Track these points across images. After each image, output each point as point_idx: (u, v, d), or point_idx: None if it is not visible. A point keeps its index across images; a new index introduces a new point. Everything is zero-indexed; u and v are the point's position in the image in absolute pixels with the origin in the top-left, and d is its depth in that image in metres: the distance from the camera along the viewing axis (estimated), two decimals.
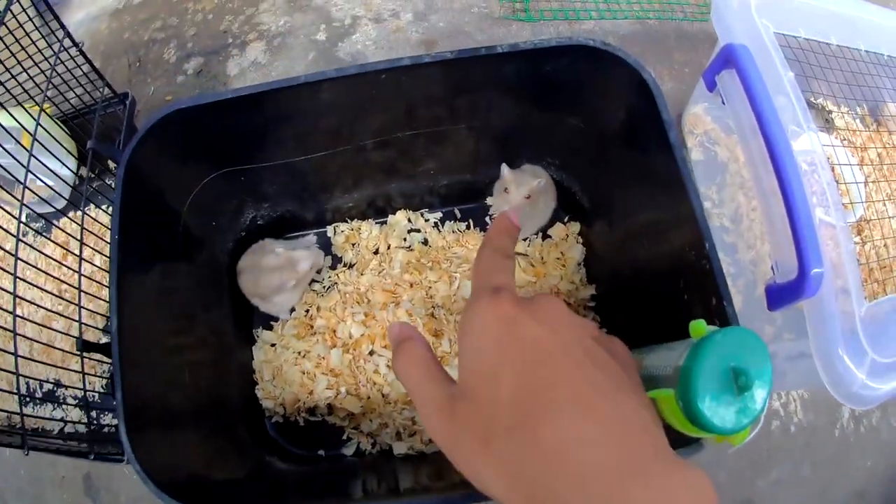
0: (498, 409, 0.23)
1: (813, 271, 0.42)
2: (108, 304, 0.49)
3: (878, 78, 0.63)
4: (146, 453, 0.36)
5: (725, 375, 0.27)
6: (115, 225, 0.40)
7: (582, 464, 0.22)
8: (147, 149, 0.42)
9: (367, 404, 0.54)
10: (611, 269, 0.56)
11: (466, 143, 0.54)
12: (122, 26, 0.88)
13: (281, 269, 0.55)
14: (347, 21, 0.81)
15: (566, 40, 0.42)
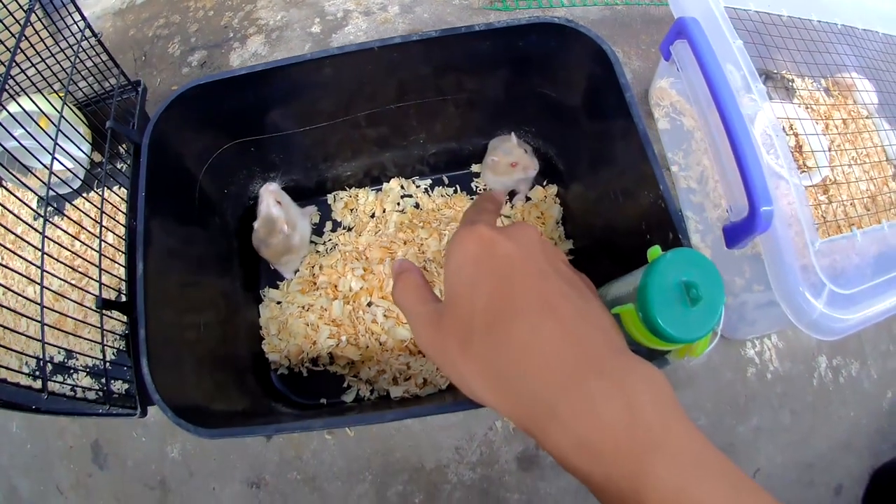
0: (475, 316, 0.28)
1: (762, 208, 0.49)
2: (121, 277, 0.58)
3: (838, 46, 0.70)
4: (163, 386, 0.42)
5: (678, 289, 0.32)
6: (143, 181, 0.48)
7: (545, 356, 0.26)
8: (170, 118, 0.51)
9: (366, 353, 0.61)
10: (586, 224, 0.64)
11: (451, 115, 0.63)
12: (126, 24, 0.98)
13: (270, 231, 0.61)
14: (340, 14, 0.91)
15: (535, 19, 0.51)
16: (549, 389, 0.26)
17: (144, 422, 0.68)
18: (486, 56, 0.54)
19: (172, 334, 0.49)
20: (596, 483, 0.25)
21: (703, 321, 0.32)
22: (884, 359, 0.74)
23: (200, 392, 0.50)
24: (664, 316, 0.31)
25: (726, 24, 0.59)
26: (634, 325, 0.33)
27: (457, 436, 0.64)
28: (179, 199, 0.55)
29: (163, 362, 0.44)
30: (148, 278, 0.45)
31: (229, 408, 0.53)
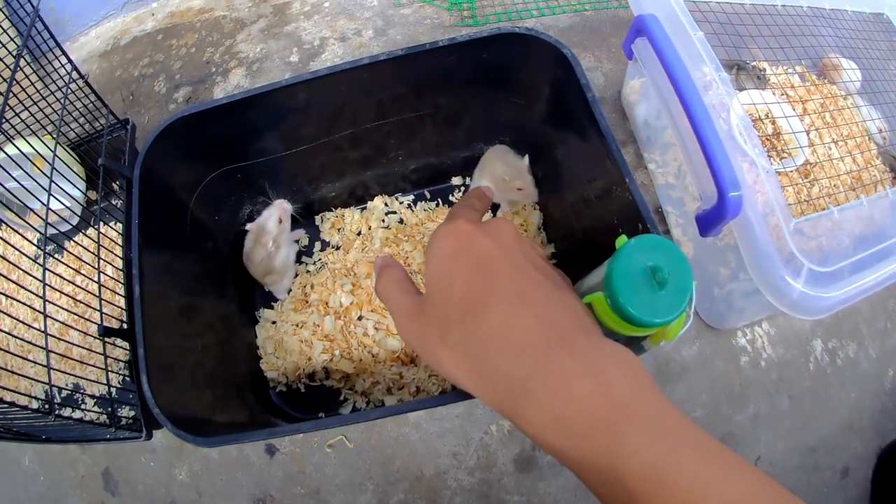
0: (451, 306, 0.31)
1: (730, 194, 0.53)
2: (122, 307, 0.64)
3: (808, 28, 0.75)
4: (163, 400, 0.47)
5: (644, 274, 0.35)
6: (135, 210, 0.54)
7: (517, 338, 0.29)
8: (158, 150, 0.57)
9: (360, 366, 0.67)
10: (566, 228, 0.70)
11: (429, 131, 0.69)
12: (111, 66, 1.06)
13: (257, 240, 0.68)
14: (316, 43, 0.99)
15: (495, 30, 0.57)
16: (522, 369, 0.28)
17: (152, 447, 0.73)
18: (454, 70, 0.60)
19: (171, 354, 0.54)
20: (574, 459, 0.27)
21: (672, 304, 0.34)
22: (882, 337, 0.78)
23: (201, 407, 0.54)
24: (631, 300, 0.34)
25: (686, 18, 0.64)
26: (605, 312, 0.36)
27: (454, 442, 0.69)
28: (172, 227, 0.61)
29: (162, 380, 0.49)
30: (145, 301, 0.50)
31: (231, 422, 0.58)
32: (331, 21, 1.00)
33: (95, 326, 0.66)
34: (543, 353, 0.29)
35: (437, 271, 0.33)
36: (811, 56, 0.78)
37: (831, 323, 0.77)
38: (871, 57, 0.79)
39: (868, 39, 0.80)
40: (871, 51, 0.79)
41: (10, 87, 0.63)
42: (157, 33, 1.08)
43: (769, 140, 0.71)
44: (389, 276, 0.38)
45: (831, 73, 0.80)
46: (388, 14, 1.01)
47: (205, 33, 1.04)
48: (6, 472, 0.77)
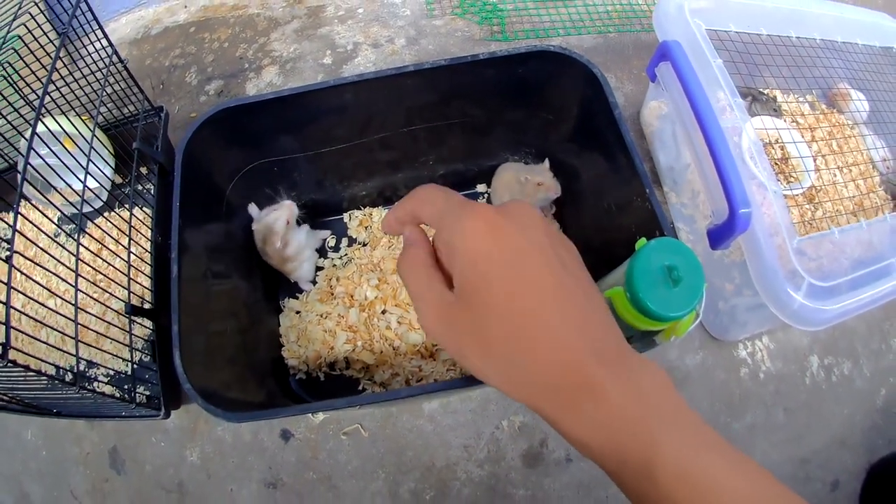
0: (492, 318, 0.31)
1: (741, 210, 0.58)
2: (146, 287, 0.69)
3: (821, 60, 0.80)
4: (193, 376, 0.51)
5: (661, 272, 0.41)
6: (177, 191, 0.57)
7: (563, 356, 0.30)
8: (201, 136, 0.61)
9: (380, 357, 0.72)
10: (584, 237, 0.75)
11: (458, 139, 0.75)
12: (142, 54, 1.11)
13: (266, 238, 0.72)
14: (350, 47, 1.05)
15: (532, 47, 0.62)
16: (566, 381, 0.30)
17: (165, 427, 0.77)
18: (489, 82, 0.66)
19: (198, 335, 0.57)
20: (611, 460, 0.29)
21: (685, 300, 0.40)
22: (876, 357, 0.83)
23: (222, 388, 0.58)
24: (649, 295, 0.40)
25: (707, 46, 0.70)
26: (624, 306, 0.42)
27: (465, 435, 0.74)
28: (207, 212, 0.66)
29: (191, 357, 0.52)
30: (181, 281, 0.54)
31: (249, 402, 0.62)
32: (364, 27, 1.06)
33: (114, 306, 0.71)
34: (586, 365, 0.30)
35: (471, 274, 0.32)
36: (822, 86, 0.83)
37: (828, 340, 0.82)
38: (879, 89, 0.84)
39: (877, 72, 0.85)
40: (879, 83, 0.84)
41: (54, 65, 0.65)
42: (189, 25, 1.13)
43: (778, 164, 0.76)
44: (415, 257, 0.36)
45: (840, 102, 0.85)
46: (421, 24, 1.07)
47: (238, 29, 1.09)
48: (4, 445, 0.79)
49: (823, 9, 0.84)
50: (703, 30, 0.71)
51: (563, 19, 1.09)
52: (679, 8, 0.73)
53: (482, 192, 0.83)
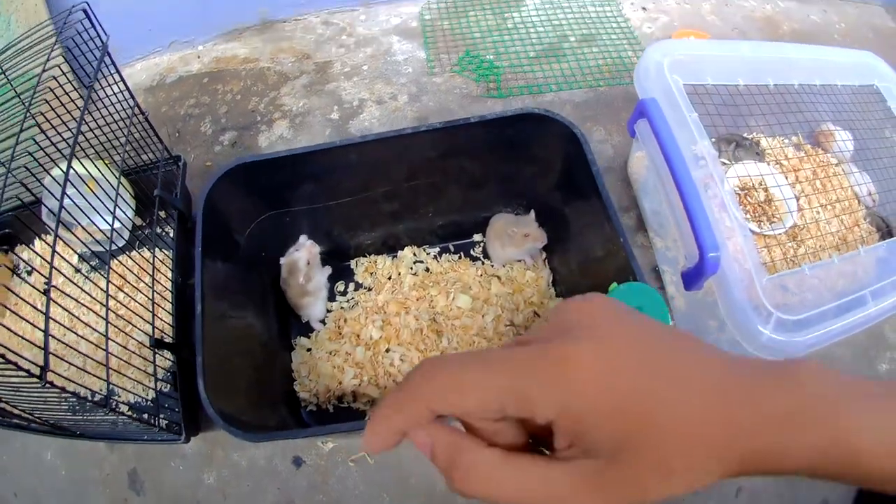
0: (689, 449, 0.24)
1: (709, 254, 0.64)
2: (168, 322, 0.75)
3: (808, 100, 0.86)
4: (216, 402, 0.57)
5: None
6: (199, 238, 0.65)
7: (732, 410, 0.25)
8: (220, 187, 0.69)
9: (385, 392, 0.79)
10: (573, 283, 0.83)
11: (455, 192, 0.83)
12: (157, 101, 1.20)
13: (291, 273, 0.81)
14: (355, 103, 1.15)
15: (519, 110, 0.71)
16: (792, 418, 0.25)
17: (183, 453, 0.82)
18: (481, 141, 0.74)
19: (219, 368, 0.63)
20: (812, 460, 0.25)
21: None
22: None
23: (242, 416, 0.64)
24: None
25: (683, 101, 0.76)
26: None
27: None
28: (226, 256, 0.74)
29: (213, 387, 0.59)
30: (205, 318, 0.61)
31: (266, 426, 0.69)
32: (369, 84, 1.16)
33: (132, 341, 0.75)
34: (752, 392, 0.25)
35: (607, 429, 0.24)
36: (805, 128, 0.88)
37: None
38: (863, 128, 0.89)
39: (861, 110, 0.90)
40: (864, 120, 0.89)
41: (83, 115, 0.70)
42: (202, 76, 1.23)
43: (761, 206, 0.82)
44: (486, 459, 0.26)
45: (824, 142, 0.91)
46: (422, 81, 1.17)
47: (250, 82, 1.19)
48: (25, 465, 0.83)
49: (802, 54, 0.90)
50: (680, 85, 0.77)
51: (555, 75, 1.18)
52: (658, 65, 0.78)
53: (478, 242, 0.92)
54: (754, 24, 1.37)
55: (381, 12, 1.36)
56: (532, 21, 1.32)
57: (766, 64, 0.87)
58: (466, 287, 0.86)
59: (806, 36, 1.37)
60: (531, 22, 1.31)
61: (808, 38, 1.36)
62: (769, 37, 1.35)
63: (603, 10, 1.35)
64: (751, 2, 1.44)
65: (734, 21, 1.38)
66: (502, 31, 1.29)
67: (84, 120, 0.71)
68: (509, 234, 0.83)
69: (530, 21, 1.32)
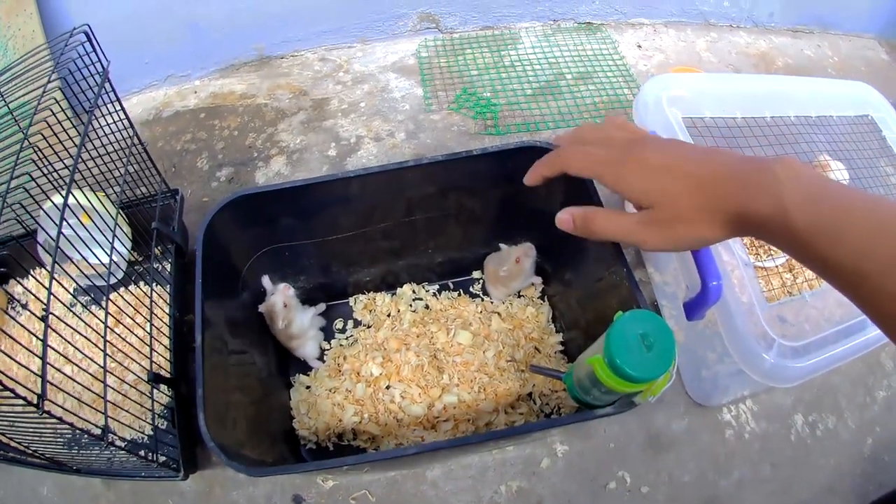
0: (685, 209, 0.47)
1: (711, 283, 0.64)
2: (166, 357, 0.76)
3: (805, 133, 0.89)
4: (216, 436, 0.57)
5: (636, 339, 0.48)
6: (199, 270, 0.65)
7: (736, 160, 0.46)
8: (219, 220, 0.70)
9: (385, 429, 0.81)
10: (573, 318, 0.85)
11: (454, 228, 0.86)
12: (154, 136, 1.24)
13: (271, 318, 0.82)
14: (353, 140, 1.19)
15: (520, 143, 0.74)
16: (750, 167, 0.44)
17: (181, 490, 0.83)
18: (481, 175, 0.77)
19: (218, 403, 0.63)
20: (763, 217, 0.42)
21: (659, 363, 0.48)
22: (861, 410, 0.91)
23: (242, 450, 0.64)
24: (626, 360, 0.48)
25: (683, 134, 0.79)
26: (604, 371, 0.50)
27: (466, 499, 0.82)
28: (226, 290, 0.75)
29: (212, 421, 0.58)
30: (205, 352, 0.62)
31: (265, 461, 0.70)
32: (366, 121, 1.21)
33: (129, 377, 0.78)
34: (755, 158, 0.45)
35: (652, 192, 0.49)
36: (801, 158, 0.88)
37: (812, 399, 0.91)
38: (859, 157, 0.91)
39: (857, 141, 0.93)
40: (859, 152, 0.92)
41: (81, 145, 0.71)
42: (199, 111, 1.27)
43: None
44: (601, 213, 0.54)
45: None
46: (419, 118, 1.21)
47: (247, 118, 1.23)
48: (20, 499, 0.84)
49: (798, 86, 0.94)
50: (679, 119, 0.80)
51: (552, 112, 1.24)
52: (657, 99, 0.82)
53: (478, 279, 0.96)
54: (749, 61, 1.44)
55: (377, 49, 1.42)
56: (529, 59, 1.38)
57: (762, 96, 0.91)
58: (467, 323, 0.89)
59: (800, 70, 1.43)
60: (528, 60, 1.38)
61: (803, 72, 1.43)
62: (764, 72, 1.41)
63: (599, 48, 1.42)
64: (745, 38, 1.50)
65: (729, 58, 1.44)
66: (499, 68, 1.35)
67: (84, 147, 0.73)
68: (503, 275, 0.87)
69: (527, 59, 1.38)
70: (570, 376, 0.63)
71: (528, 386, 0.84)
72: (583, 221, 0.55)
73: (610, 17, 1.49)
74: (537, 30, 1.47)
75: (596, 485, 0.82)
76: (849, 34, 1.57)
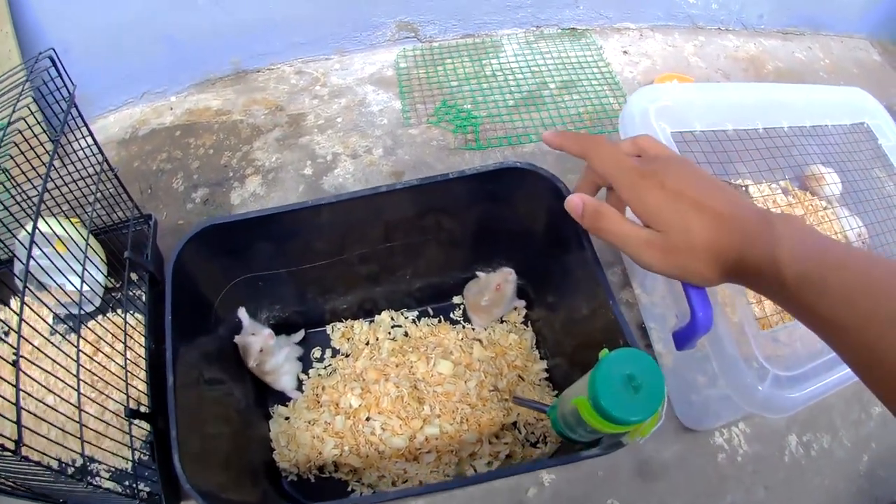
0: (694, 242, 0.47)
1: (700, 313, 0.62)
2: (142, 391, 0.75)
3: (795, 146, 0.88)
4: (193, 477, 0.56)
5: (622, 380, 0.46)
6: (169, 305, 0.65)
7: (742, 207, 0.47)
8: (189, 251, 0.69)
9: (367, 461, 0.80)
10: (557, 344, 0.85)
11: (433, 253, 0.85)
12: (130, 155, 1.22)
13: (245, 352, 0.81)
14: (329, 157, 1.18)
15: (500, 164, 0.72)
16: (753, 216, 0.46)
17: None
18: (461, 198, 0.76)
19: (196, 438, 0.63)
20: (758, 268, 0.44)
21: (647, 405, 0.46)
22: (856, 427, 0.90)
23: (223, 489, 0.64)
24: (611, 403, 0.46)
25: (671, 147, 0.75)
26: (588, 412, 0.49)
27: None
28: (198, 323, 0.74)
29: (190, 459, 0.58)
30: (178, 388, 0.61)
31: (248, 502, 0.69)
32: (343, 137, 1.19)
33: (110, 406, 0.77)
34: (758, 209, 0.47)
35: (664, 214, 0.49)
36: (794, 172, 0.89)
37: (805, 419, 0.90)
38: (854, 168, 0.91)
39: (851, 150, 0.92)
40: (853, 161, 0.91)
41: (49, 171, 0.69)
42: (175, 129, 1.26)
43: None
44: (610, 214, 0.54)
45: (813, 185, 0.93)
46: (397, 133, 1.20)
47: (223, 136, 1.22)
48: None
49: (792, 94, 0.92)
50: (668, 133, 0.78)
51: (535, 124, 1.22)
52: (644, 112, 0.79)
53: (458, 304, 0.94)
54: (738, 65, 1.43)
55: (355, 60, 1.41)
56: (511, 68, 1.37)
57: (754, 106, 0.89)
58: (447, 352, 0.87)
59: (791, 74, 1.43)
60: (510, 69, 1.36)
61: (794, 75, 1.42)
62: (754, 76, 1.40)
63: (583, 54, 1.41)
64: (734, 41, 1.50)
65: (718, 62, 1.43)
66: (480, 78, 1.33)
67: (50, 177, 0.71)
68: (485, 304, 0.86)
69: (509, 68, 1.37)
70: (555, 410, 0.61)
71: (513, 415, 0.83)
72: (592, 215, 0.55)
73: (595, 22, 1.48)
74: (519, 37, 1.46)
75: None
76: (840, 35, 1.57)
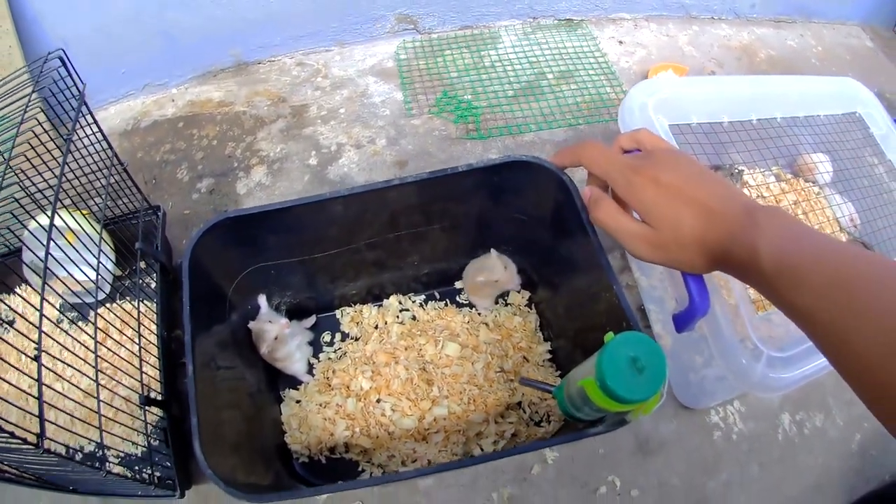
0: (684, 236, 0.52)
1: (697, 298, 0.66)
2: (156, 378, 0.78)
3: (787, 136, 0.93)
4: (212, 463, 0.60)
5: (627, 362, 0.50)
6: (186, 295, 0.68)
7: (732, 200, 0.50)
8: (204, 243, 0.73)
9: (377, 441, 0.84)
10: (560, 327, 0.89)
11: (439, 240, 0.90)
12: (133, 146, 1.25)
13: (258, 338, 0.86)
14: (333, 148, 1.22)
15: (507, 158, 0.76)
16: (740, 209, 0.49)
17: None
18: (467, 189, 0.80)
19: (210, 423, 0.66)
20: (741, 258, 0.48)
21: (650, 385, 0.50)
22: (848, 407, 0.95)
23: (236, 471, 0.68)
24: (617, 383, 0.50)
25: (669, 140, 0.80)
26: (595, 392, 0.53)
27: None
28: (213, 310, 0.78)
29: (207, 445, 0.61)
30: (197, 376, 0.65)
31: (257, 485, 0.72)
32: (346, 127, 1.23)
33: (121, 392, 0.81)
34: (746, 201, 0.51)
35: (657, 210, 0.53)
36: (787, 156, 0.95)
37: (799, 398, 0.95)
38: (845, 156, 0.95)
39: (842, 139, 0.96)
40: (845, 149, 0.96)
41: (63, 169, 0.72)
42: (177, 120, 1.29)
43: None
44: (608, 206, 0.59)
45: (805, 171, 0.98)
46: (400, 123, 1.24)
47: (226, 127, 1.26)
48: None
49: (784, 86, 0.96)
50: (666, 126, 0.83)
51: (534, 114, 1.26)
52: (643, 106, 0.84)
53: (460, 289, 0.99)
54: (731, 53, 1.48)
55: (356, 52, 1.44)
56: (509, 59, 1.41)
57: (749, 98, 0.93)
58: (454, 335, 0.92)
59: (784, 62, 1.48)
60: (508, 60, 1.40)
61: (787, 63, 1.47)
62: (747, 65, 1.45)
63: (580, 45, 1.45)
64: (727, 30, 1.54)
65: (711, 52, 1.48)
66: (479, 69, 1.38)
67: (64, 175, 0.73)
68: (480, 285, 0.91)
69: (507, 59, 1.41)
70: (561, 391, 0.66)
71: (518, 395, 0.87)
72: (591, 203, 0.61)
73: (590, 12, 1.53)
74: (517, 28, 1.50)
75: (587, 490, 0.86)
76: (832, 22, 1.62)
